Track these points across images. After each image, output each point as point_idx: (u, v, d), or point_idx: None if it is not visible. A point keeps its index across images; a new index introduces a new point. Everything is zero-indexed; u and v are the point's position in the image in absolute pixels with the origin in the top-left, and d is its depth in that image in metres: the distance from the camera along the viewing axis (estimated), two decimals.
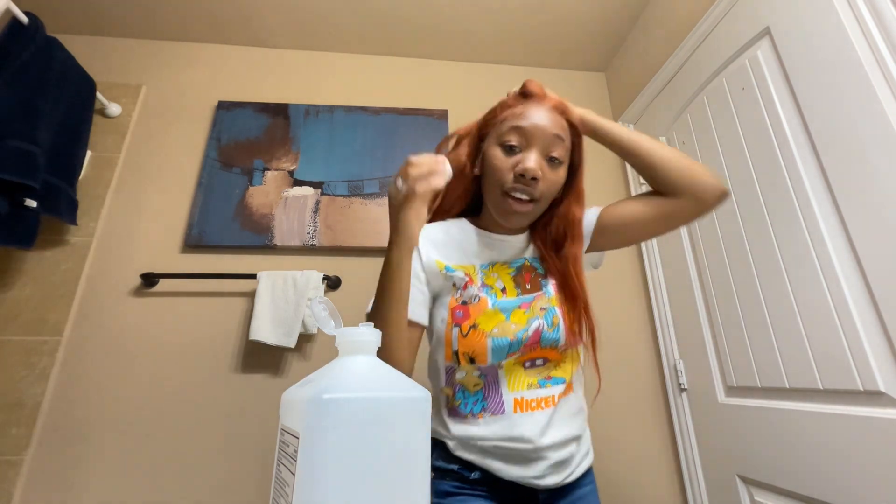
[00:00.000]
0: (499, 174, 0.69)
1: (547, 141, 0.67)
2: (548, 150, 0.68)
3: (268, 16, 1.67)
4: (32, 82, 1.22)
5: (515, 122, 0.68)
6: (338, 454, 0.24)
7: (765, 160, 1.11)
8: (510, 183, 0.68)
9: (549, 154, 0.68)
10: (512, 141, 0.68)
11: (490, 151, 0.71)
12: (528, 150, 0.67)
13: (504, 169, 0.68)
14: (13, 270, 1.34)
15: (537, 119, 0.68)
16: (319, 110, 1.69)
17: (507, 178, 0.68)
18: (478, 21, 1.72)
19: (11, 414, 1.21)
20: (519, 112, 0.69)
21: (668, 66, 1.52)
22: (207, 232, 1.46)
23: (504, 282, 0.74)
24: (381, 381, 0.28)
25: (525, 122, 0.68)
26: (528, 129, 0.67)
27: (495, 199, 0.70)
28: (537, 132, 0.67)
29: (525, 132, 0.68)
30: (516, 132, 0.68)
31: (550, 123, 0.68)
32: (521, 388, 0.69)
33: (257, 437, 1.29)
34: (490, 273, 0.74)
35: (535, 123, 0.67)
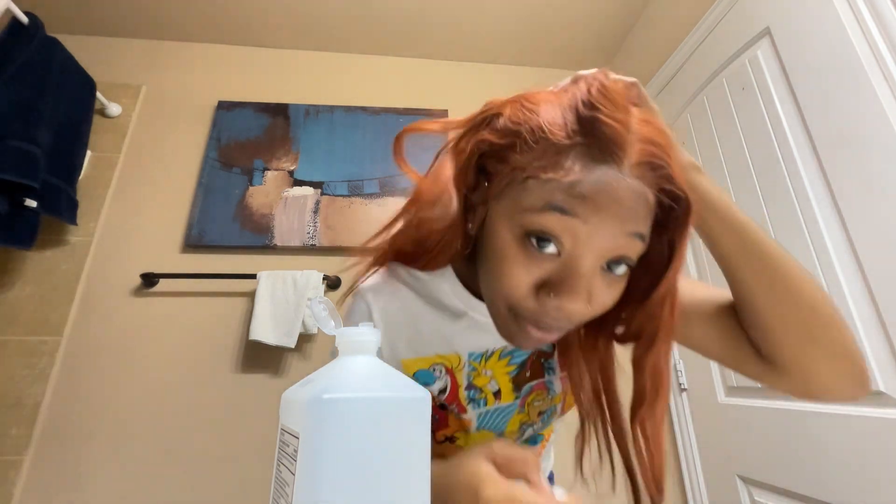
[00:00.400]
0: (510, 287, 0.37)
1: (617, 247, 0.34)
2: (614, 252, 0.35)
3: (268, 16, 1.67)
4: (32, 82, 1.22)
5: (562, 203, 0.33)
6: (338, 454, 0.24)
7: (765, 160, 1.11)
8: (529, 308, 0.37)
9: (613, 258, 0.35)
10: (544, 233, 0.34)
11: (500, 233, 0.37)
12: (569, 259, 0.35)
13: (521, 283, 0.36)
14: (13, 270, 1.34)
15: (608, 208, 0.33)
16: (319, 110, 1.69)
17: (525, 300, 0.37)
18: (478, 21, 1.72)
19: (11, 414, 1.21)
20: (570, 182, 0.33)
21: (668, 65, 1.52)
22: (207, 232, 1.46)
23: (500, 382, 0.52)
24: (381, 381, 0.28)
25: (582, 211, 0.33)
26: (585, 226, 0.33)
27: (499, 311, 0.40)
28: (602, 233, 0.33)
29: (577, 229, 0.33)
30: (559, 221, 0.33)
31: (631, 212, 0.33)
32: None
33: (257, 437, 1.29)
34: (482, 369, 0.52)
35: (601, 216, 0.33)
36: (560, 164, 0.34)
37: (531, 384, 0.54)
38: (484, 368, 0.52)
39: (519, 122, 0.36)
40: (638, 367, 0.43)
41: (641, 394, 0.43)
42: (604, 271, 0.36)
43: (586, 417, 0.47)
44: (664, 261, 0.39)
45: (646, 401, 0.42)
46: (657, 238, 0.38)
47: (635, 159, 0.33)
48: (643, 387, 0.43)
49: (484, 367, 0.52)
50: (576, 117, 0.34)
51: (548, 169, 0.34)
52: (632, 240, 0.35)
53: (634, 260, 0.37)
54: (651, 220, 0.36)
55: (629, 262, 0.36)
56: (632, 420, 0.44)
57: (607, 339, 0.46)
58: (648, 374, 0.42)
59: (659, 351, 0.42)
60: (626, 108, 0.35)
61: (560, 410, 0.57)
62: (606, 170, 0.33)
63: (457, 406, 0.52)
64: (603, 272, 0.36)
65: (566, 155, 0.34)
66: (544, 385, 0.54)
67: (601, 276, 0.36)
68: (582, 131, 0.34)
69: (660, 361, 0.42)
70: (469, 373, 0.52)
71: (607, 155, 0.33)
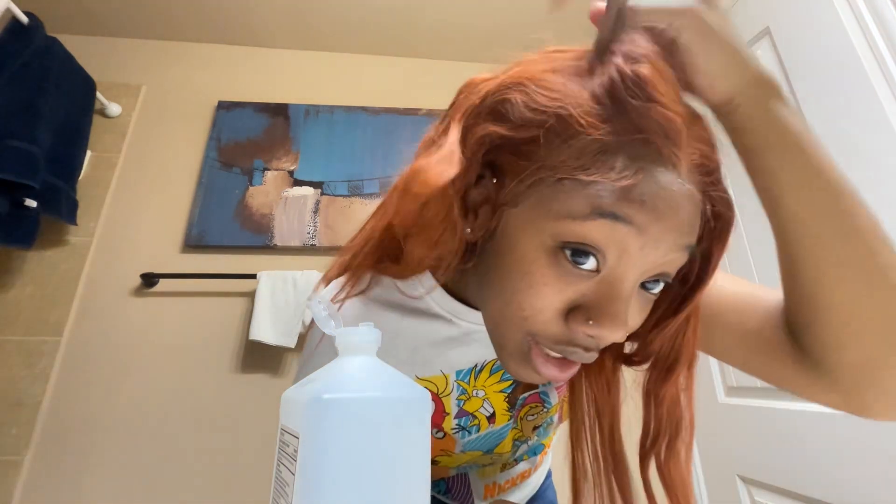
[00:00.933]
0: (535, 309, 0.30)
1: (666, 257, 0.29)
2: (660, 269, 0.30)
3: (268, 16, 1.67)
4: (32, 82, 1.22)
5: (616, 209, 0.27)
6: (338, 454, 0.24)
7: None
8: (554, 335, 0.31)
9: (655, 275, 0.30)
10: (590, 244, 0.28)
11: (522, 244, 0.31)
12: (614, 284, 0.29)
13: (549, 306, 0.30)
14: (13, 270, 1.34)
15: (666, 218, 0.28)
16: (319, 110, 1.69)
17: (550, 326, 0.30)
18: (478, 21, 1.72)
19: (11, 414, 1.21)
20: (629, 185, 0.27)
21: None
22: (207, 232, 1.46)
23: (493, 402, 0.46)
24: (381, 381, 0.28)
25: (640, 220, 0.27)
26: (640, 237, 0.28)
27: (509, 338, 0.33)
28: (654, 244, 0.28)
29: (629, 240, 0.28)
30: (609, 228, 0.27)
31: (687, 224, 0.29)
32: (494, 473, 0.54)
33: (257, 437, 1.29)
34: (472, 389, 0.44)
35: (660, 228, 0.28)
36: (606, 163, 0.27)
37: (524, 396, 0.47)
38: (474, 389, 0.44)
39: (541, 110, 0.29)
40: (652, 399, 0.36)
41: (656, 429, 0.36)
42: (638, 290, 0.31)
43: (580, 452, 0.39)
44: (693, 276, 0.34)
45: (661, 439, 0.36)
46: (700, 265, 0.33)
47: (690, 161, 0.28)
48: (658, 422, 0.36)
49: (474, 388, 0.44)
50: (620, 107, 0.27)
51: (590, 169, 0.27)
52: (682, 254, 0.29)
53: (672, 276, 0.31)
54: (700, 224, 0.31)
55: (667, 280, 0.31)
56: (641, 462, 0.37)
57: (615, 358, 0.39)
58: (666, 408, 0.36)
59: (678, 380, 0.36)
60: (680, 96, 0.28)
61: (558, 420, 0.52)
62: (665, 172, 0.27)
63: (441, 433, 0.46)
64: (638, 291, 0.31)
65: (613, 153, 0.27)
66: (539, 397, 0.48)
67: (636, 296, 0.31)
68: (631, 126, 0.27)
69: (679, 393, 0.36)
70: (458, 397, 0.44)
71: (664, 156, 0.27)
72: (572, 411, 0.40)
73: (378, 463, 0.24)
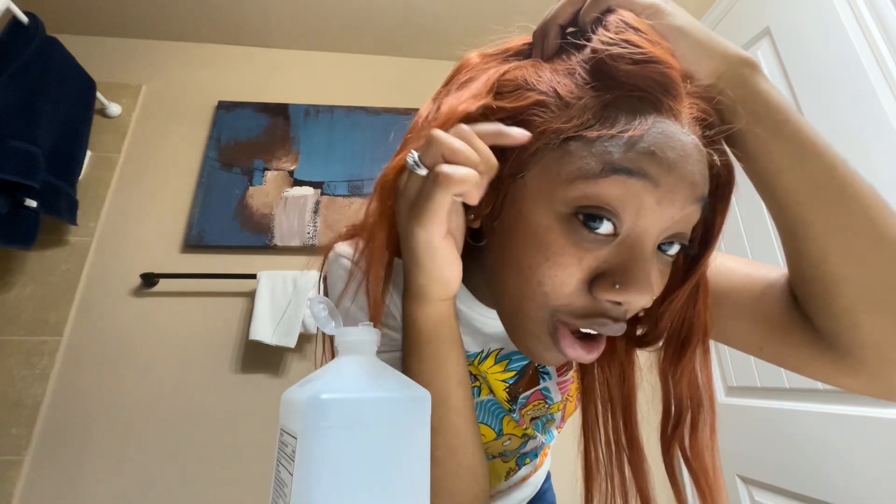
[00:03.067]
0: (557, 283, 0.29)
1: (683, 211, 0.28)
2: (677, 226, 0.29)
3: (268, 16, 1.67)
4: (32, 82, 1.22)
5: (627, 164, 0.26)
6: (336, 455, 0.24)
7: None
8: (580, 308, 0.30)
9: (671, 239, 0.30)
10: (606, 203, 0.27)
11: (533, 216, 0.30)
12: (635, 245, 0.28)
13: (571, 278, 0.29)
14: (13, 270, 1.34)
15: (678, 168, 0.27)
16: (319, 110, 1.69)
17: (575, 299, 0.29)
18: (478, 21, 1.72)
19: (11, 414, 1.21)
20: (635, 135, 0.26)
21: None
22: (207, 232, 1.46)
23: (494, 389, 0.45)
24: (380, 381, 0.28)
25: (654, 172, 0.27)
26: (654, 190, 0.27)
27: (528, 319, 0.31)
28: (671, 198, 0.27)
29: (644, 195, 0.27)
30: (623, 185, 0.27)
31: (699, 175, 0.28)
32: (497, 483, 0.52)
33: (257, 438, 1.29)
34: (475, 366, 0.44)
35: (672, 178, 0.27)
36: (609, 118, 0.27)
37: (527, 395, 0.46)
38: (478, 371, 0.44)
39: (537, 83, 0.30)
40: (669, 379, 0.35)
41: (677, 412, 0.35)
42: (656, 254, 0.29)
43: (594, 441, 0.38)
44: (697, 242, 0.32)
45: (682, 422, 0.34)
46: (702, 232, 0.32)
47: (689, 114, 0.28)
48: (678, 404, 0.35)
49: (478, 371, 0.44)
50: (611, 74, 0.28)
51: (595, 125, 0.27)
52: (697, 208, 0.28)
53: (688, 237, 0.30)
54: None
55: (683, 241, 0.30)
56: (665, 447, 0.35)
57: (627, 340, 0.37)
58: (685, 387, 0.34)
59: (694, 357, 0.34)
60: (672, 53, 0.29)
61: (561, 419, 0.51)
62: (668, 123, 0.27)
63: None
64: (656, 255, 0.29)
65: (615, 108, 0.27)
66: (541, 394, 0.47)
67: (655, 260, 0.29)
68: (628, 86, 0.27)
69: (696, 371, 0.34)
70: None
71: (665, 108, 0.27)
72: (585, 400, 0.39)
73: (377, 463, 0.24)
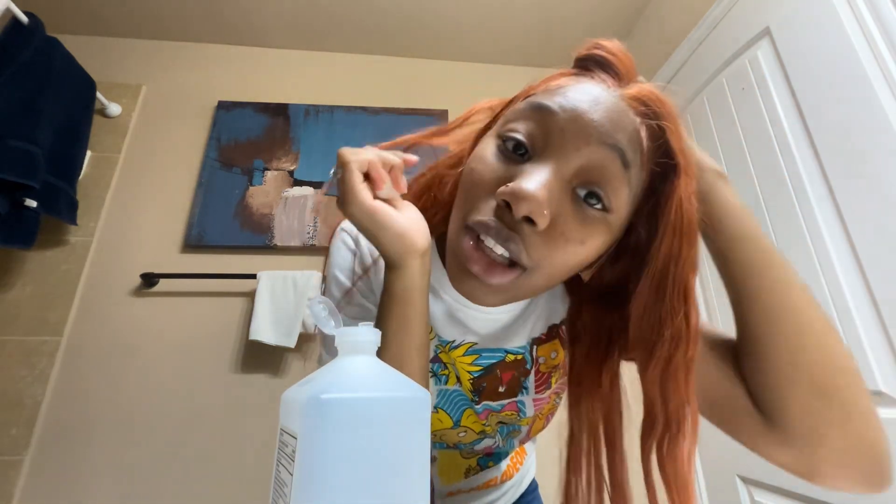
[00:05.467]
0: (469, 187, 0.36)
1: (590, 154, 0.33)
2: (583, 172, 0.33)
3: (268, 16, 1.67)
4: (32, 82, 1.22)
5: (540, 99, 0.35)
6: (336, 455, 0.24)
7: (765, 160, 1.10)
8: (480, 210, 0.35)
9: (586, 183, 0.33)
10: (518, 133, 0.35)
11: (479, 145, 0.38)
12: (539, 160, 0.34)
13: (482, 180, 0.35)
14: (13, 270, 1.34)
15: (584, 105, 0.33)
16: (319, 110, 1.69)
17: (479, 201, 0.35)
18: (478, 21, 1.72)
19: (11, 414, 1.21)
20: (555, 85, 0.36)
21: (668, 65, 1.52)
22: (207, 232, 1.46)
23: (462, 379, 0.47)
24: (380, 381, 0.28)
25: (556, 103, 0.34)
26: (558, 117, 0.33)
27: (452, 235, 0.38)
28: (574, 129, 0.33)
29: (550, 122, 0.33)
30: (535, 117, 0.34)
31: (609, 120, 0.33)
32: (457, 479, 0.53)
33: (257, 438, 1.29)
34: (447, 355, 0.47)
35: (575, 110, 0.33)
36: (552, 79, 0.38)
37: (503, 403, 0.48)
38: (448, 354, 0.46)
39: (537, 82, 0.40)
40: (646, 385, 0.35)
41: (650, 420, 0.34)
42: (575, 201, 0.34)
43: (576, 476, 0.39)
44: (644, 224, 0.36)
45: (654, 430, 0.34)
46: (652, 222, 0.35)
47: (629, 92, 0.35)
48: (650, 410, 0.34)
49: (448, 354, 0.46)
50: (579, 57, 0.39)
51: (541, 86, 0.38)
52: (609, 153, 0.32)
53: (613, 200, 0.33)
54: (639, 154, 0.34)
55: (600, 193, 0.33)
56: (643, 453, 0.35)
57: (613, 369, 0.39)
58: (658, 392, 0.34)
59: (664, 362, 0.33)
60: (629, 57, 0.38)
61: (527, 434, 0.51)
62: (594, 84, 0.36)
63: None
64: (574, 201, 0.34)
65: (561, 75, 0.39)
66: (516, 406, 0.49)
67: (571, 203, 0.33)
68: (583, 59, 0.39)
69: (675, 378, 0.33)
70: (436, 345, 0.47)
71: (595, 77, 0.37)
72: (570, 431, 0.40)
73: (376, 463, 0.24)
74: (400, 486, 0.25)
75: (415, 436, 0.27)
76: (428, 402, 0.28)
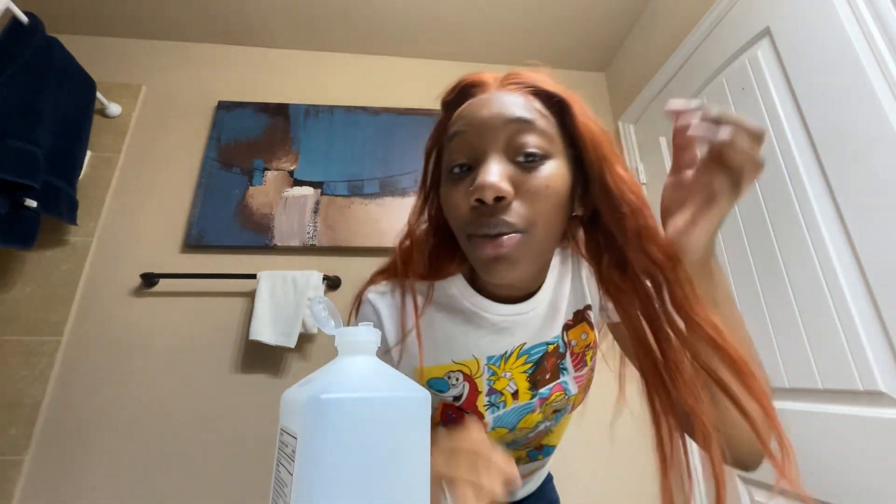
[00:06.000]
0: (454, 213, 0.44)
1: (505, 134, 0.42)
2: (512, 146, 0.42)
3: (268, 16, 1.67)
4: (32, 82, 1.22)
5: (452, 131, 0.45)
6: (336, 455, 0.24)
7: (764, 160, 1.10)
8: (469, 221, 0.43)
9: (519, 150, 0.42)
10: (458, 159, 0.44)
11: (442, 190, 0.47)
12: (482, 163, 0.43)
13: (458, 204, 0.44)
14: (13, 270, 1.34)
15: (479, 110, 0.44)
16: (319, 110, 1.69)
17: (465, 215, 0.43)
18: (478, 21, 1.72)
19: (11, 414, 1.21)
20: (455, 118, 0.46)
21: (668, 66, 1.52)
22: (207, 232, 1.46)
23: (518, 383, 0.53)
24: (380, 381, 0.28)
25: (462, 124, 0.44)
26: (471, 129, 0.43)
27: (465, 248, 0.46)
28: (485, 128, 0.43)
29: (469, 137, 0.43)
30: (459, 144, 0.44)
31: (504, 107, 0.43)
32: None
33: (257, 438, 1.29)
34: (501, 371, 0.52)
35: (476, 116, 0.43)
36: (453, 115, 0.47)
37: (550, 386, 0.54)
38: (503, 370, 0.52)
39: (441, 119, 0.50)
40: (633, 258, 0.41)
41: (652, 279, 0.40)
42: (521, 165, 0.42)
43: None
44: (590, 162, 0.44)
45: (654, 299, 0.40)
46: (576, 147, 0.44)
47: (498, 82, 0.47)
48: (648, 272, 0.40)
49: (503, 370, 0.52)
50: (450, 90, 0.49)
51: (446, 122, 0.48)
52: (518, 125, 0.42)
53: (544, 148, 0.42)
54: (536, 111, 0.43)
55: (530, 150, 0.42)
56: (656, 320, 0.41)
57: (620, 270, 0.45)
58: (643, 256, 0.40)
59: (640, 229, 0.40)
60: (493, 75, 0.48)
61: (571, 408, 0.58)
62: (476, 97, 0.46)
63: (473, 412, 0.51)
64: (520, 166, 0.42)
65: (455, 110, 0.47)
66: (561, 386, 0.55)
67: (519, 169, 0.42)
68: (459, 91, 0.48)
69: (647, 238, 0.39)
70: (489, 378, 0.51)
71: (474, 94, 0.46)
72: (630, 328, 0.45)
73: (376, 463, 0.24)
74: (400, 486, 0.25)
75: (414, 435, 0.27)
76: (428, 402, 0.28)
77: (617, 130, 1.84)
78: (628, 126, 1.79)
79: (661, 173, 1.56)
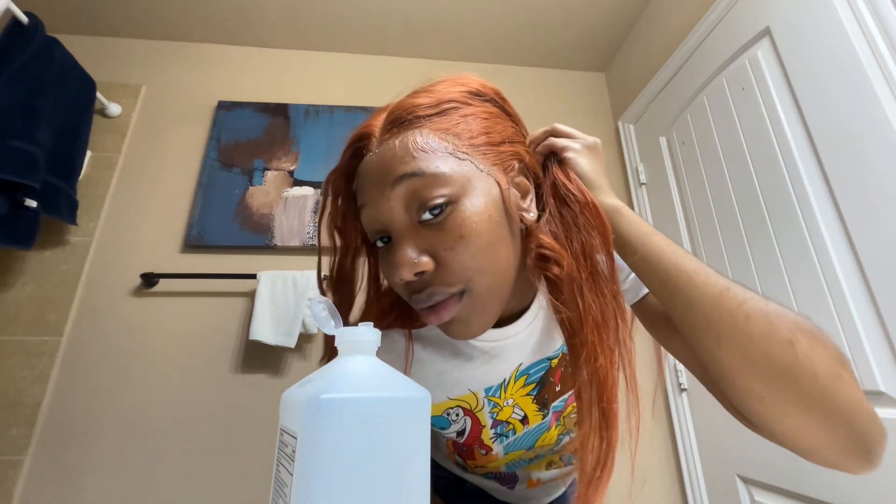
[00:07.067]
0: (392, 285, 0.43)
1: (399, 199, 0.37)
2: (413, 206, 0.37)
3: (268, 16, 1.67)
4: (32, 82, 1.22)
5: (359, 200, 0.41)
6: (336, 455, 0.24)
7: (765, 160, 1.10)
8: (406, 294, 0.40)
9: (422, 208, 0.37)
10: (374, 235, 0.41)
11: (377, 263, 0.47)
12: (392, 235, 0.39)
13: (390, 279, 0.42)
14: (13, 270, 1.34)
15: (369, 183, 0.39)
16: (319, 110, 1.69)
17: (400, 288, 0.41)
18: (478, 21, 1.72)
19: (11, 414, 1.21)
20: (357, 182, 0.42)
21: (668, 65, 1.52)
22: (207, 232, 1.46)
23: (524, 407, 0.50)
24: (381, 381, 0.28)
25: (363, 196, 0.40)
26: (370, 203, 0.39)
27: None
28: (379, 200, 0.38)
29: (370, 213, 0.39)
30: (367, 219, 0.41)
31: (388, 169, 0.38)
32: (540, 469, 0.58)
33: (257, 438, 1.29)
34: (503, 400, 0.49)
35: (369, 189, 0.39)
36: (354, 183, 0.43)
37: (564, 398, 0.51)
38: (505, 399, 0.48)
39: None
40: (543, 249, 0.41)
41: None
42: (428, 224, 0.37)
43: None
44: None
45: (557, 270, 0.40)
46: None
47: (379, 131, 0.40)
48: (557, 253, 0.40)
49: (505, 398, 0.48)
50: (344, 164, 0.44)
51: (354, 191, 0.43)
52: (407, 182, 0.37)
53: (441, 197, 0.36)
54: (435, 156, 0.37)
55: (430, 205, 0.36)
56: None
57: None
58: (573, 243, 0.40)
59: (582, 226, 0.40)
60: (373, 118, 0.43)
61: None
62: (366, 158, 0.41)
63: (479, 446, 0.50)
64: (428, 225, 0.37)
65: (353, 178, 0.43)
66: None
67: (427, 229, 0.37)
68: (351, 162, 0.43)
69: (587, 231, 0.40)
70: (491, 410, 0.49)
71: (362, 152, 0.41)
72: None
73: (376, 463, 0.24)
74: (400, 486, 0.25)
75: (415, 435, 0.27)
76: (428, 402, 0.28)
77: (617, 130, 1.84)
78: (628, 126, 1.79)
79: (661, 173, 1.56)
